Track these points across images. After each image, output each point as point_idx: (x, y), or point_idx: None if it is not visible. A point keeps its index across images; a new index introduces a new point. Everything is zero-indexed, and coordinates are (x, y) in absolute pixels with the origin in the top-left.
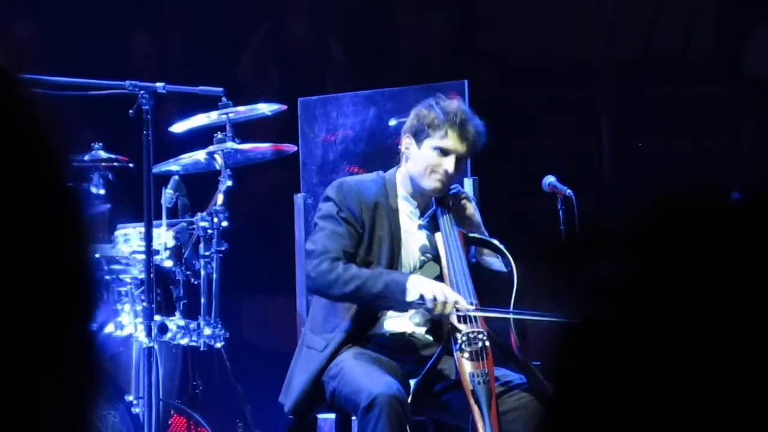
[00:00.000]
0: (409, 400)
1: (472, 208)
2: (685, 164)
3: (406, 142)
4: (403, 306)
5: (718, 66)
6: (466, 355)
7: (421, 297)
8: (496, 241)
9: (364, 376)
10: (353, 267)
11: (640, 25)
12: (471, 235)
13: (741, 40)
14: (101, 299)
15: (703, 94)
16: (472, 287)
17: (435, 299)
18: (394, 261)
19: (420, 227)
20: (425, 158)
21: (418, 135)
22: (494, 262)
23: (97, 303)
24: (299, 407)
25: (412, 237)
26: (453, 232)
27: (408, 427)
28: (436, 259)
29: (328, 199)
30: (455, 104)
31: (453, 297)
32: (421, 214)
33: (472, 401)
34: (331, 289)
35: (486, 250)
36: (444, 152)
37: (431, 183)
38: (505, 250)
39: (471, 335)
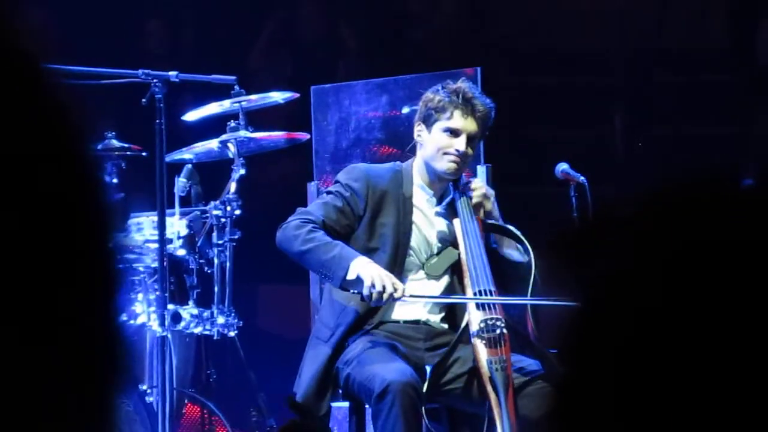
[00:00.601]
0: (425, 387)
1: (490, 204)
2: (697, 152)
3: (418, 130)
4: (338, 281)
5: (730, 54)
6: (484, 341)
7: (359, 279)
8: (514, 229)
9: (378, 363)
10: (320, 232)
11: (653, 12)
12: (489, 222)
13: (753, 28)
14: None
15: (715, 82)
16: (490, 273)
17: (372, 286)
18: (399, 249)
19: (437, 213)
20: (436, 141)
21: (428, 120)
22: (514, 254)
23: (121, 292)
24: (309, 400)
25: (430, 224)
26: (471, 218)
27: (422, 415)
28: (455, 245)
29: (336, 181)
30: (460, 84)
31: (390, 289)
32: (438, 202)
33: (489, 388)
34: (289, 243)
35: (506, 241)
36: (453, 132)
37: (445, 164)
38: (523, 238)
39: (489, 322)
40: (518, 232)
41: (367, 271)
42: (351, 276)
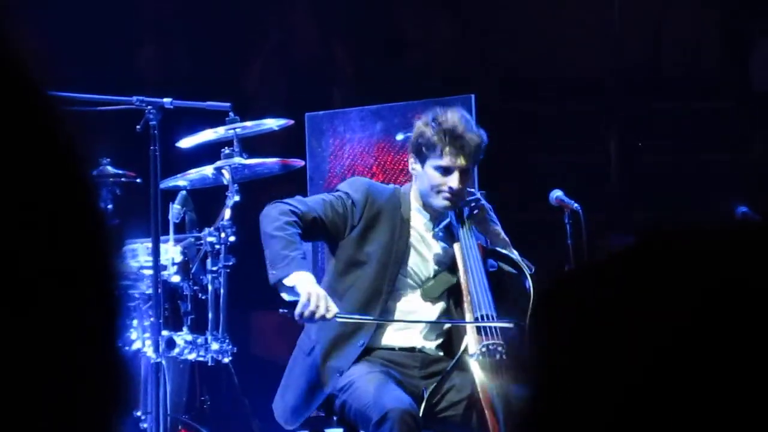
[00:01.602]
0: (421, 413)
1: (489, 225)
2: (693, 178)
3: (411, 162)
4: (273, 279)
5: (725, 79)
6: (486, 366)
7: (294, 290)
8: (515, 256)
9: (376, 391)
10: (296, 228)
11: (648, 39)
12: (490, 248)
13: (748, 53)
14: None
15: (710, 108)
16: (491, 298)
17: (307, 303)
18: (388, 268)
19: (435, 237)
20: (429, 178)
21: (420, 155)
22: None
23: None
24: (282, 414)
25: (427, 246)
26: (472, 243)
27: None
28: (452, 269)
29: (338, 189)
30: (450, 118)
31: (323, 310)
32: (436, 225)
33: (489, 414)
34: (266, 222)
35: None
36: (445, 170)
37: (440, 202)
38: (523, 265)
39: (491, 347)
40: (521, 260)
41: (305, 287)
42: (288, 282)
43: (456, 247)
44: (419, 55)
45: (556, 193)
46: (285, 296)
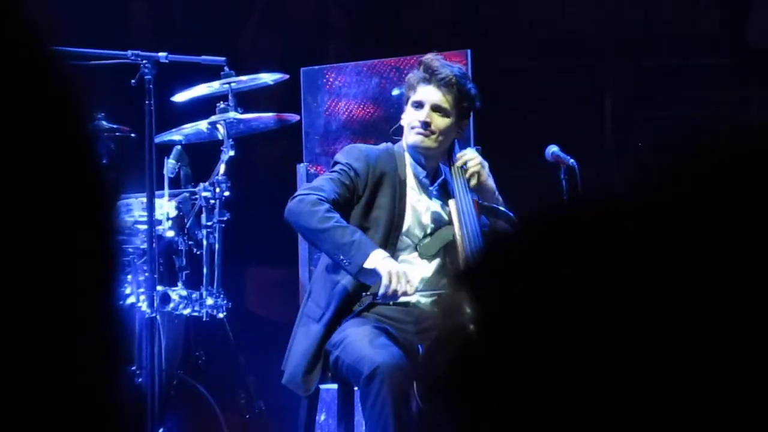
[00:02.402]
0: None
1: (485, 174)
2: (688, 135)
3: (403, 115)
4: (355, 268)
5: (722, 36)
6: None
7: (375, 271)
8: (507, 212)
9: (367, 346)
10: (337, 214)
11: None
12: (484, 204)
13: (745, 10)
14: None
15: (706, 65)
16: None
17: (390, 282)
18: (392, 230)
19: (430, 194)
20: (406, 117)
21: (405, 101)
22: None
23: (121, 271)
24: (297, 378)
25: (423, 204)
26: (467, 200)
27: (414, 396)
28: (447, 226)
29: (336, 162)
30: (428, 59)
31: (405, 287)
32: (432, 181)
33: None
34: (306, 218)
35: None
36: (418, 105)
37: (413, 138)
38: (515, 219)
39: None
40: (511, 214)
41: (384, 266)
42: (368, 265)
43: (452, 203)
44: (415, 10)
45: (552, 149)
46: (368, 283)
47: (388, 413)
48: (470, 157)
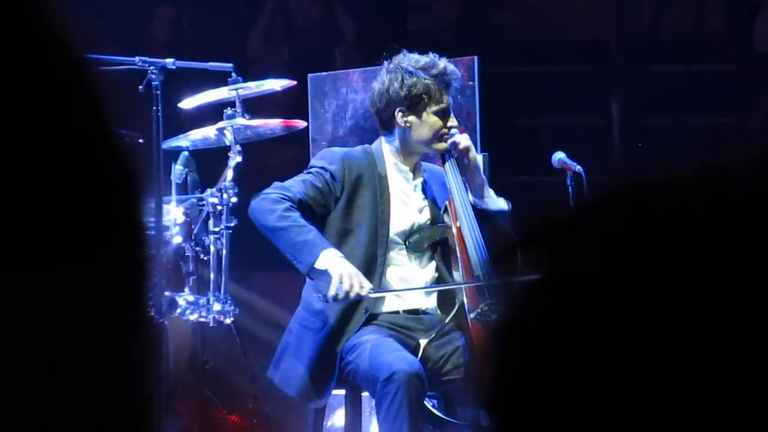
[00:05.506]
0: (419, 356)
1: (477, 173)
2: (695, 141)
3: (401, 116)
4: (305, 267)
5: (728, 42)
6: (487, 326)
7: (326, 272)
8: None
9: (384, 353)
10: (296, 213)
11: (650, 1)
12: (477, 208)
13: (751, 16)
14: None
15: (713, 71)
16: (487, 253)
17: (340, 283)
18: (378, 228)
19: (414, 189)
20: (431, 125)
21: (415, 107)
22: (499, 202)
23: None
24: (306, 393)
25: (407, 200)
26: (466, 198)
27: (424, 404)
28: (435, 220)
29: (312, 165)
30: (439, 64)
31: (357, 288)
32: (415, 177)
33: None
34: (264, 216)
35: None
36: (444, 112)
37: (441, 145)
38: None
39: (493, 306)
40: (506, 208)
41: (336, 266)
42: (319, 265)
43: (451, 202)
44: (422, 16)
45: (559, 155)
46: (320, 283)
47: (404, 416)
48: (458, 138)
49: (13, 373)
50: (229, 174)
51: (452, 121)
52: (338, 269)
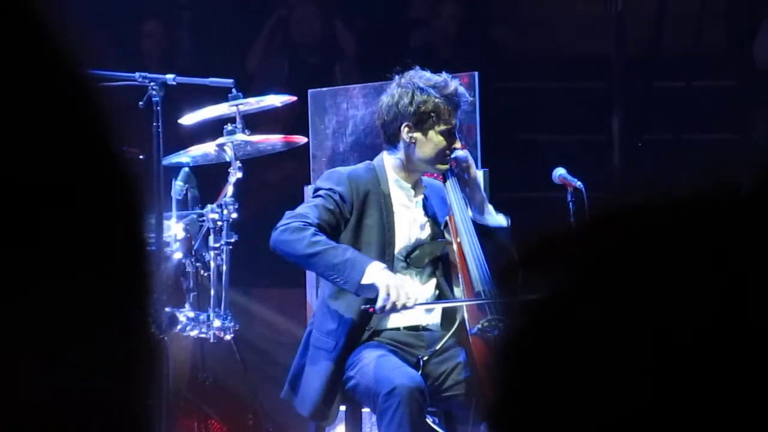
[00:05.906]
0: (420, 371)
1: (477, 189)
2: (696, 157)
3: (407, 131)
4: (353, 286)
5: (728, 58)
6: (487, 342)
7: (373, 286)
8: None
9: (385, 368)
10: (323, 236)
11: (650, 17)
12: (477, 224)
13: (751, 32)
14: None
15: (713, 87)
16: (488, 269)
17: (388, 295)
18: (386, 247)
19: (416, 205)
20: (436, 144)
21: (422, 124)
22: (499, 219)
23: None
24: (318, 412)
25: (410, 216)
26: (467, 215)
27: (426, 420)
28: (436, 236)
29: (318, 188)
30: (449, 84)
31: (404, 299)
32: (416, 194)
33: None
34: (291, 246)
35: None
36: (450, 133)
37: (446, 165)
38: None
39: (494, 323)
40: (504, 224)
41: (382, 278)
42: (366, 281)
43: (451, 218)
44: (422, 32)
45: (559, 171)
46: (370, 296)
47: (405, 431)
48: (459, 154)
49: (15, 388)
50: (230, 190)
51: (457, 144)
52: (385, 281)
